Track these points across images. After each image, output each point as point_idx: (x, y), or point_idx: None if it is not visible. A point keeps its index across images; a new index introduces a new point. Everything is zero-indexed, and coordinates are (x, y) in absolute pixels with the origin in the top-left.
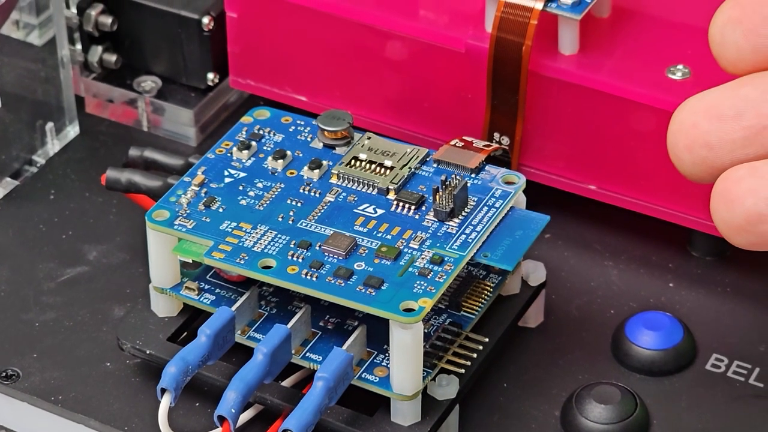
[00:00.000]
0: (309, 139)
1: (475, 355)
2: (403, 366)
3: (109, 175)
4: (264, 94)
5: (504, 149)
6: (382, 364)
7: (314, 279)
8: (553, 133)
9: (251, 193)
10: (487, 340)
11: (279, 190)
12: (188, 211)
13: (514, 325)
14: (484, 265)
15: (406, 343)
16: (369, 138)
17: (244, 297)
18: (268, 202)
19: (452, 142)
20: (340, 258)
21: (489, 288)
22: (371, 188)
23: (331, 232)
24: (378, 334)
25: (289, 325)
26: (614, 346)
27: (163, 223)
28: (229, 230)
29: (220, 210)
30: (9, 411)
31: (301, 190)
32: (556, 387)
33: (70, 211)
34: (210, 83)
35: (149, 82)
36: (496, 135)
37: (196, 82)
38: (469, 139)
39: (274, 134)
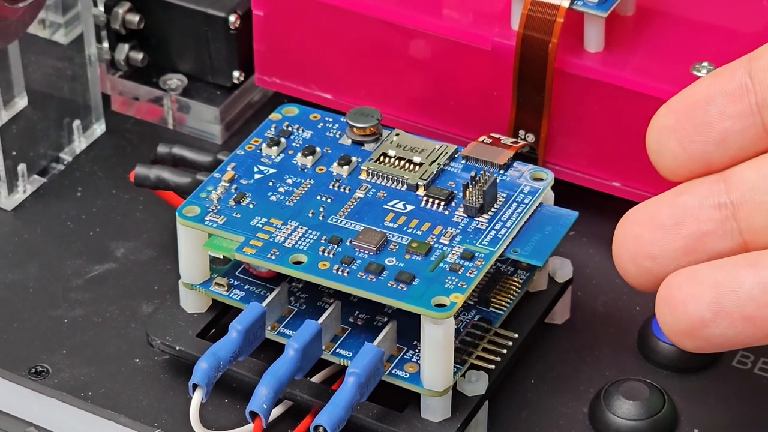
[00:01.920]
0: (337, 136)
1: (504, 351)
2: (434, 362)
3: (138, 171)
4: (289, 92)
5: (531, 146)
6: (412, 359)
7: (345, 274)
8: (577, 130)
9: (281, 189)
10: (516, 335)
11: (309, 186)
12: (219, 207)
13: (541, 322)
14: (512, 261)
15: (438, 339)
16: (398, 135)
17: (275, 293)
18: (297, 198)
19: (480, 139)
20: (371, 253)
21: (517, 284)
22: (401, 184)
23: (362, 227)
24: (408, 329)
25: (320, 320)
26: (640, 342)
27: (193, 218)
28: (260, 226)
29: (251, 206)
30: (38, 407)
31: (331, 186)
32: (583, 383)
33: (98, 208)
34: (235, 81)
35: (175, 80)
36: (521, 132)
37: (221, 80)
38: (497, 135)
39: (303, 131)
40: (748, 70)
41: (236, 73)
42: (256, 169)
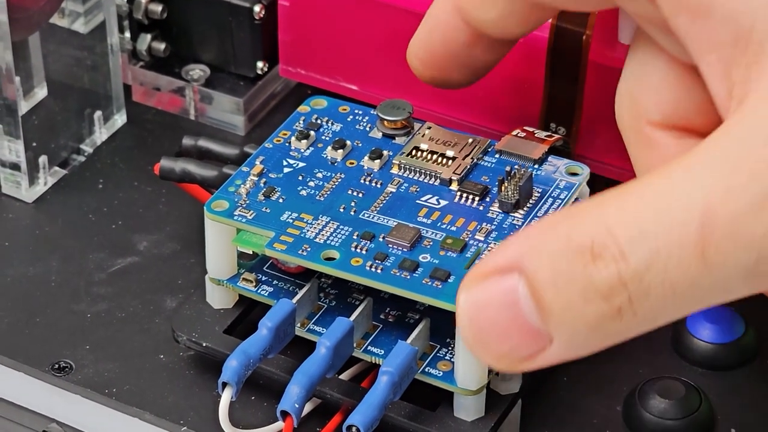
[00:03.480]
0: (368, 129)
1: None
2: (469, 360)
3: (163, 164)
4: (314, 83)
5: (565, 139)
6: (446, 358)
7: (379, 271)
8: (610, 123)
9: (311, 184)
10: None
11: (339, 180)
12: (248, 202)
13: None
14: None
15: None
16: (429, 128)
17: (305, 289)
18: (328, 192)
19: (514, 133)
20: (405, 250)
21: None
22: (434, 179)
23: (395, 223)
24: (440, 326)
25: (352, 317)
26: (675, 339)
27: (222, 213)
28: (290, 221)
29: (280, 200)
30: (62, 404)
31: (362, 181)
32: (617, 381)
33: (119, 201)
34: (259, 72)
35: (197, 71)
36: (552, 125)
37: (245, 71)
38: (530, 129)
39: (333, 123)
40: None
41: (260, 64)
42: (285, 163)
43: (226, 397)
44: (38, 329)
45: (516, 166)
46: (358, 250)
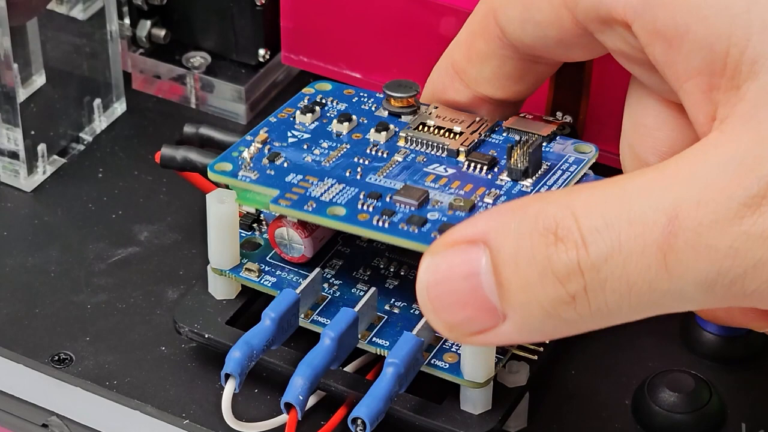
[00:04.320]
0: (373, 109)
1: (547, 341)
2: (476, 352)
3: (164, 152)
4: (317, 70)
5: (572, 126)
6: (452, 349)
7: (386, 225)
8: (616, 112)
9: (316, 152)
10: None
11: (345, 149)
12: (252, 165)
13: None
14: None
15: None
16: (436, 107)
17: (308, 279)
18: (334, 159)
19: (521, 114)
20: (413, 208)
21: None
22: (441, 150)
23: (402, 184)
24: None
25: (356, 308)
26: (683, 332)
27: (226, 173)
28: (296, 182)
29: (285, 164)
30: (61, 396)
31: (368, 151)
32: (625, 374)
33: (120, 190)
34: (261, 59)
35: (198, 58)
36: (559, 114)
37: (246, 59)
38: (536, 114)
39: (338, 103)
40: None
41: (262, 51)
42: (289, 134)
43: (229, 389)
44: (38, 320)
45: (527, 135)
46: (365, 208)
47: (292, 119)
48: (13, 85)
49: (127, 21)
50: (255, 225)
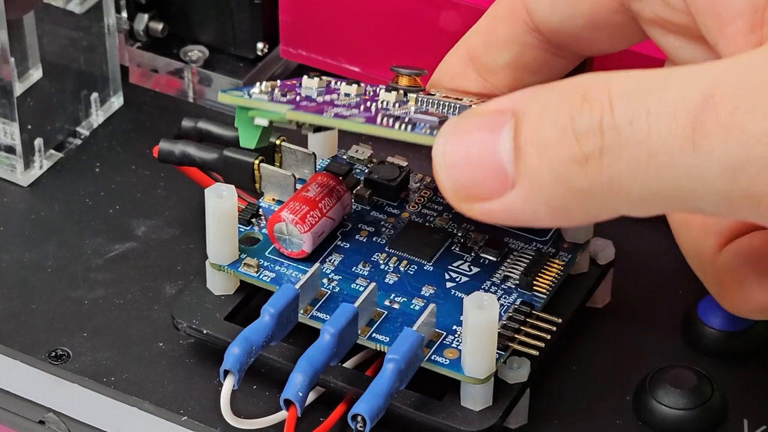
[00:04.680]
0: (378, 92)
1: (549, 336)
2: (477, 348)
3: (162, 146)
4: (315, 64)
5: None
6: (452, 345)
7: (408, 129)
8: None
9: (328, 98)
10: (560, 320)
11: (356, 99)
12: (265, 93)
13: (582, 306)
14: (554, 242)
15: (481, 323)
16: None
17: (308, 274)
18: (347, 101)
19: None
20: (432, 124)
21: (559, 266)
22: (453, 109)
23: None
24: (447, 313)
25: (356, 303)
26: (685, 327)
27: (238, 94)
28: (312, 104)
29: (297, 98)
30: (58, 392)
31: (380, 105)
32: (626, 370)
33: (117, 185)
34: (259, 53)
35: (196, 52)
36: None
37: (244, 52)
38: None
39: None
40: None
41: (260, 45)
42: (299, 89)
43: (228, 385)
44: (34, 316)
45: None
46: (385, 121)
47: (299, 85)
48: (9, 79)
49: (124, 14)
50: (254, 220)
